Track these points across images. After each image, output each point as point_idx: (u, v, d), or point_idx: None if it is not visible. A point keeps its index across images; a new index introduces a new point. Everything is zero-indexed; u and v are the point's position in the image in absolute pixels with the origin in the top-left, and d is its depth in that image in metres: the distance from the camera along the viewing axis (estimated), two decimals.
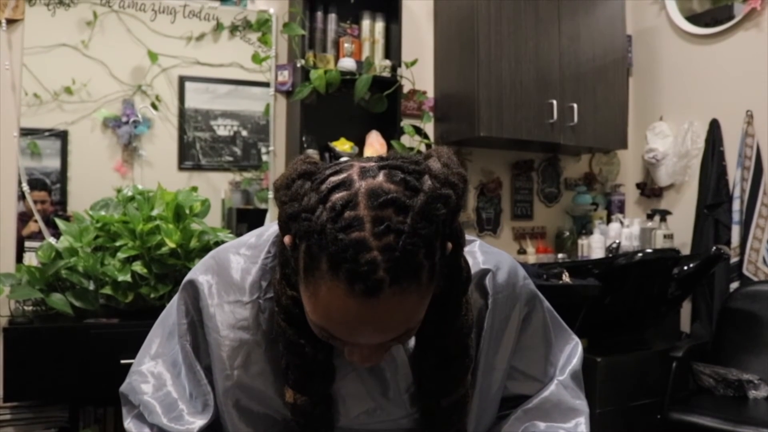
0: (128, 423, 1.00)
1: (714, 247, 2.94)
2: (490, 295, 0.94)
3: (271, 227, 0.96)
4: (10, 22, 2.49)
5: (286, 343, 0.85)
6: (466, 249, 0.90)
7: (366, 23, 3.03)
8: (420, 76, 3.13)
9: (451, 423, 0.91)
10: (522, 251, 3.44)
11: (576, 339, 1.11)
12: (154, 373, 0.99)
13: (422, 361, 0.89)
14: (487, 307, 0.94)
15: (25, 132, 2.55)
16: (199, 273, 0.95)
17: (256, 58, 2.91)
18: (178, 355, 0.97)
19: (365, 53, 3.00)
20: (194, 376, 0.95)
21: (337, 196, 0.70)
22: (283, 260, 0.84)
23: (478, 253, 0.98)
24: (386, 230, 0.68)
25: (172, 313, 1.00)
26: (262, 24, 2.94)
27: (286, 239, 0.76)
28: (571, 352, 1.08)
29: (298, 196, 0.73)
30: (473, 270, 0.92)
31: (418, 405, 0.92)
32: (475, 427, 0.98)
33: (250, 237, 0.97)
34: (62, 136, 2.64)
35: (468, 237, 0.93)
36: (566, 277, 2.57)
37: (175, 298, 1.00)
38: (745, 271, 3.03)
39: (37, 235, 2.47)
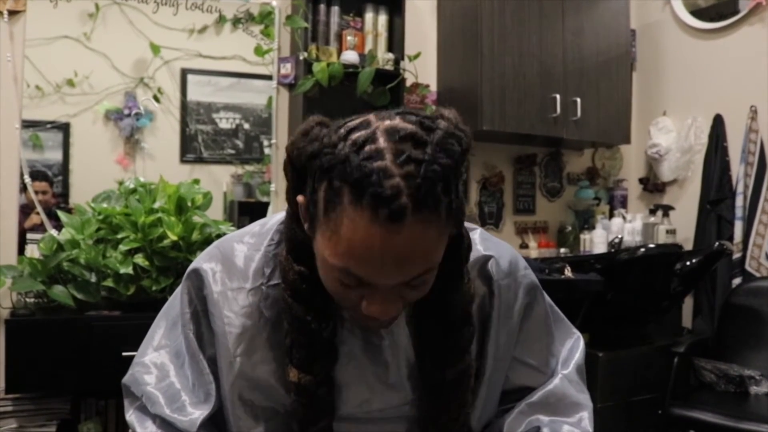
0: (130, 415, 0.99)
1: (716, 243, 2.94)
2: (494, 280, 0.95)
3: (274, 217, 0.97)
4: (12, 13, 2.49)
5: (292, 319, 0.85)
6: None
7: (369, 16, 3.02)
8: (423, 69, 3.12)
9: (455, 399, 0.91)
10: (524, 246, 3.44)
11: (578, 333, 1.10)
12: (157, 363, 0.99)
13: (425, 331, 0.89)
14: (492, 294, 0.95)
15: (27, 124, 2.55)
16: (203, 261, 0.95)
17: (259, 51, 2.90)
18: (182, 345, 0.96)
19: (368, 46, 2.99)
20: (197, 365, 0.94)
21: (357, 134, 0.72)
22: (290, 235, 0.86)
23: (478, 240, 0.98)
24: (407, 160, 0.70)
25: (175, 303, 1.00)
26: (265, 16, 2.93)
27: (299, 198, 0.79)
28: (573, 345, 1.07)
29: (318, 137, 0.75)
30: (473, 257, 0.92)
31: (421, 382, 0.91)
32: (479, 416, 0.97)
33: (254, 226, 0.97)
34: (64, 128, 2.64)
35: (468, 225, 0.92)
36: (568, 272, 2.56)
37: (179, 288, 0.99)
38: (747, 267, 3.03)
39: (39, 228, 2.48)
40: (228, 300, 0.90)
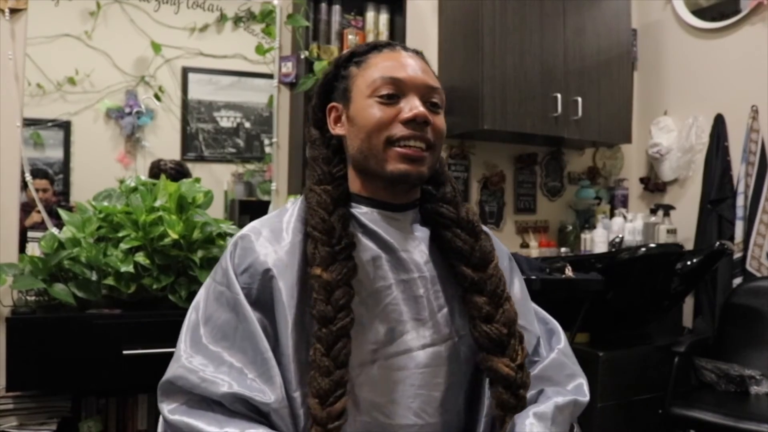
0: (175, 416, 0.94)
1: (717, 243, 2.93)
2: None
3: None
4: (14, 11, 2.48)
5: (317, 222, 1.01)
6: None
7: (370, 15, 3.02)
8: None
9: (503, 306, 1.04)
10: (525, 245, 3.44)
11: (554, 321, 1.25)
12: (206, 351, 0.98)
13: (445, 242, 1.08)
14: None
15: (28, 122, 2.55)
16: (245, 230, 1.07)
17: (260, 50, 2.90)
18: (228, 324, 0.99)
19: None
20: (252, 338, 0.96)
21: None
22: (315, 154, 1.10)
23: None
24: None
25: (214, 290, 1.04)
26: (266, 15, 2.93)
27: (332, 104, 1.11)
28: (554, 326, 1.22)
29: (334, 59, 1.14)
30: None
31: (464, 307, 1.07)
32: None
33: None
34: (65, 126, 2.64)
35: None
36: (569, 272, 2.56)
37: (220, 266, 1.07)
38: (748, 267, 3.03)
39: (40, 226, 2.47)
40: (271, 253, 1.01)
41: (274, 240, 1.03)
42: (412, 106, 1.03)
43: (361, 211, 1.07)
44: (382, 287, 1.02)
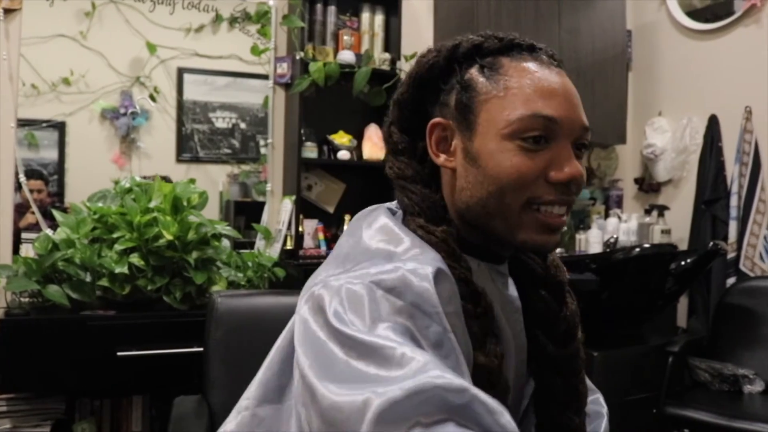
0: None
1: (711, 243, 2.94)
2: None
3: (366, 241, 0.79)
4: (8, 11, 2.48)
5: (463, 289, 0.74)
6: None
7: (366, 16, 3.02)
8: None
9: (574, 373, 0.87)
10: None
11: None
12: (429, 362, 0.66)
13: (526, 301, 0.88)
14: None
15: (23, 123, 2.55)
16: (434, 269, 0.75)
17: (255, 50, 2.90)
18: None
19: (365, 46, 2.99)
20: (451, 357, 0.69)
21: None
22: (404, 169, 0.83)
23: None
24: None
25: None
26: (262, 16, 2.92)
27: (435, 120, 0.81)
28: None
29: (440, 46, 0.82)
30: None
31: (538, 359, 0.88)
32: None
33: (379, 254, 0.76)
34: (60, 127, 2.64)
35: None
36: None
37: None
38: (741, 267, 3.04)
39: (34, 227, 2.47)
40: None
41: None
42: (566, 160, 0.77)
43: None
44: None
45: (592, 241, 3.32)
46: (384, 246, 0.76)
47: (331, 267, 0.78)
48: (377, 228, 0.79)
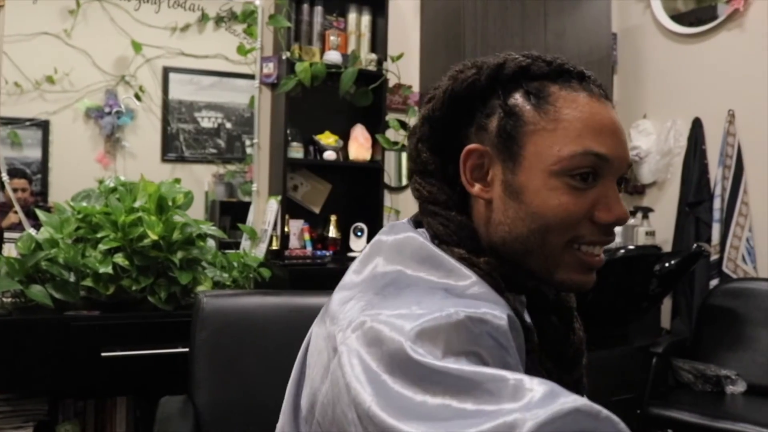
0: None
1: (695, 245, 2.97)
2: None
3: (411, 276, 0.72)
4: None
5: (518, 333, 0.68)
6: None
7: (352, 16, 3.02)
8: (406, 70, 3.13)
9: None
10: None
11: None
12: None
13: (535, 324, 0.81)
14: None
15: (6, 121, 2.52)
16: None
17: (242, 50, 2.89)
18: None
19: (351, 47, 2.99)
20: None
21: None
22: (436, 193, 0.77)
23: None
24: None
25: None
26: (248, 15, 2.92)
27: (472, 147, 0.74)
28: None
29: (480, 63, 0.77)
30: None
31: None
32: None
33: (438, 293, 0.68)
34: (43, 125, 2.61)
35: None
36: None
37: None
38: (724, 269, 3.07)
39: (17, 226, 2.45)
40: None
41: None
42: (614, 201, 0.74)
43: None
44: None
45: None
46: (439, 279, 0.70)
47: (370, 295, 0.70)
48: (424, 256, 0.72)
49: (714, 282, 3.07)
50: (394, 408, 0.54)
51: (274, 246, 2.78)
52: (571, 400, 0.54)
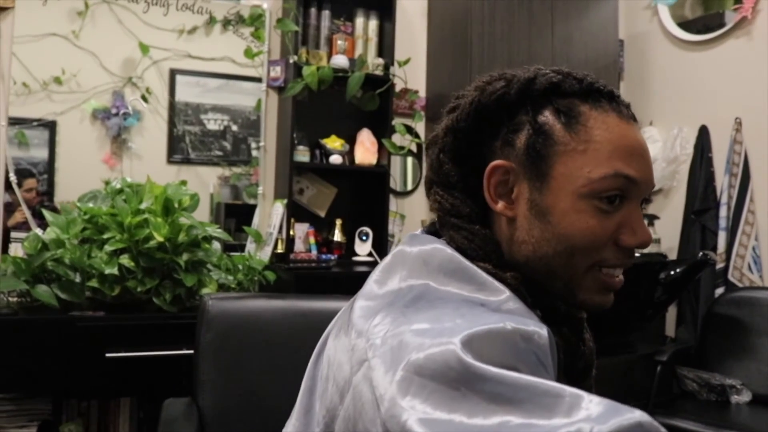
0: None
1: (700, 253, 2.96)
2: None
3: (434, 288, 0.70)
4: (1, 9, 2.47)
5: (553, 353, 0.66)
6: None
7: (360, 21, 3.03)
8: (412, 75, 3.13)
9: None
10: None
11: None
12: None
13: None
14: None
15: (13, 121, 2.53)
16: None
17: (249, 53, 2.90)
18: None
19: (358, 51, 3.00)
20: None
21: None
22: (458, 206, 0.75)
23: None
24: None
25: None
26: (255, 19, 2.93)
27: (497, 163, 0.72)
28: None
29: (510, 77, 0.73)
30: None
31: None
32: None
33: (474, 309, 0.66)
34: (51, 126, 2.62)
35: None
36: None
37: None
38: (730, 277, 3.06)
39: (23, 226, 2.45)
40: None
41: None
42: (638, 224, 0.73)
43: None
44: None
45: None
46: (470, 293, 0.68)
47: (400, 308, 0.67)
48: (453, 269, 0.70)
49: (719, 290, 3.06)
50: (435, 422, 0.51)
51: (279, 249, 2.78)
52: (638, 416, 0.53)
